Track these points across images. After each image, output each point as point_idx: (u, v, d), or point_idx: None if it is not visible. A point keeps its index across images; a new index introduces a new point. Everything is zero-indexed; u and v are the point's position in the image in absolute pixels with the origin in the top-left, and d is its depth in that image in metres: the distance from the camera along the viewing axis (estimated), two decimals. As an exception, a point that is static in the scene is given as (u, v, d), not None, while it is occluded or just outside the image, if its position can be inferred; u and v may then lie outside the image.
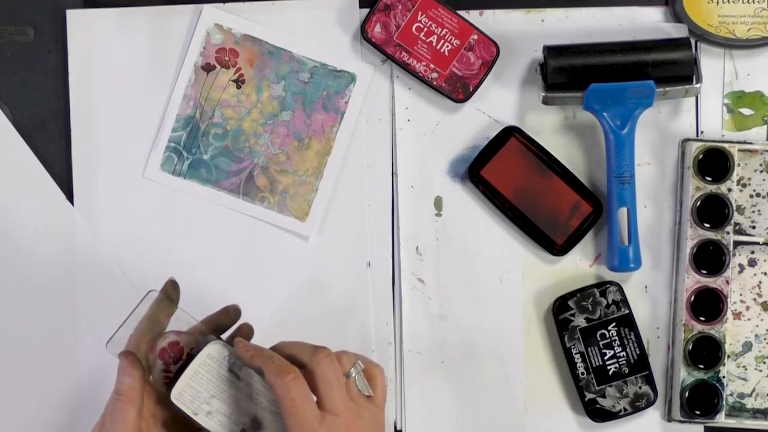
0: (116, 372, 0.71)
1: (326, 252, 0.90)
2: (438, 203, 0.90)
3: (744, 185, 0.89)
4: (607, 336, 0.88)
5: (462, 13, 0.89)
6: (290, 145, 0.90)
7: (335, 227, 0.90)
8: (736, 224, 0.89)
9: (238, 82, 0.90)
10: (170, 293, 0.75)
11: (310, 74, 0.90)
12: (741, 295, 0.89)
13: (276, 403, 0.69)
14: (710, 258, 0.87)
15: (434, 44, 0.89)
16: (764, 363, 0.89)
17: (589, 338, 0.87)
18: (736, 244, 0.88)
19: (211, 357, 0.72)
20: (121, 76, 0.90)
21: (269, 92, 0.90)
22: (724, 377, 0.87)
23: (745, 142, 0.89)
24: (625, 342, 0.88)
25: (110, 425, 0.71)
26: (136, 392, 0.70)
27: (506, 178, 0.89)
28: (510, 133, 0.89)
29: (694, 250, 0.87)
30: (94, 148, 0.90)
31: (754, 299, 0.89)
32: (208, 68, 0.90)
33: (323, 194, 0.90)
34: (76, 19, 0.90)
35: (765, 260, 0.89)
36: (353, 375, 0.71)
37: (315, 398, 0.69)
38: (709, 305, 0.87)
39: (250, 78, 0.90)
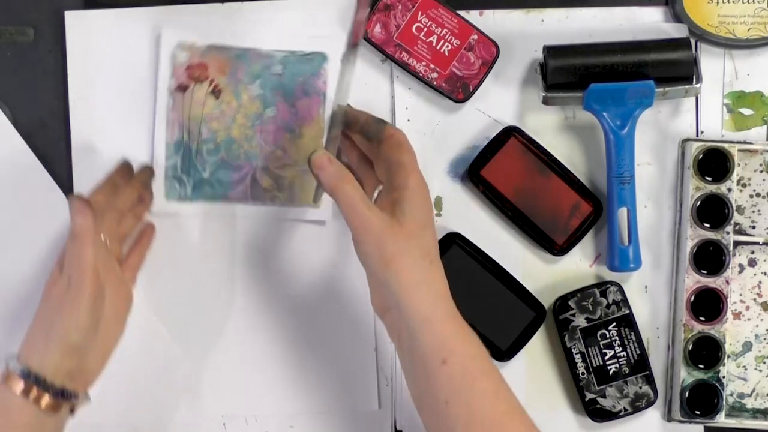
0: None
1: (344, 232, 0.88)
2: (438, 203, 0.90)
3: (744, 185, 0.89)
4: (608, 336, 0.88)
5: (462, 13, 0.89)
6: (283, 139, 0.90)
7: None
8: (736, 224, 0.89)
9: (216, 93, 0.89)
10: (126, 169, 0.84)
11: (282, 65, 0.89)
12: (741, 295, 0.89)
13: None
14: (710, 258, 0.88)
15: (434, 44, 0.89)
16: (764, 363, 0.89)
17: (589, 338, 0.87)
18: (736, 244, 0.88)
19: None
20: (120, 77, 0.90)
21: (248, 94, 0.89)
22: (724, 377, 0.87)
23: (745, 142, 0.89)
24: (626, 342, 0.88)
25: (68, 267, 0.74)
26: (91, 231, 0.73)
27: (506, 178, 0.89)
28: (510, 133, 0.89)
29: (694, 250, 0.87)
30: (94, 149, 0.89)
31: (754, 299, 0.89)
32: (182, 88, 0.89)
33: None
34: (75, 20, 0.90)
35: (765, 260, 0.89)
36: None
37: None
38: (709, 305, 0.88)
39: (226, 85, 0.89)
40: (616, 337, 0.88)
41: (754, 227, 0.89)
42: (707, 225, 0.88)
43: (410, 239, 0.72)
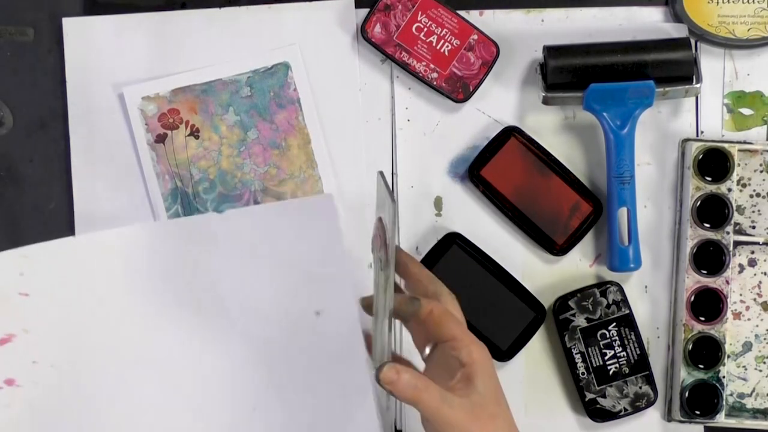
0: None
1: (349, 230, 0.87)
2: (438, 203, 0.90)
3: (744, 185, 0.89)
4: (608, 336, 0.88)
5: (462, 13, 0.89)
6: (273, 156, 0.90)
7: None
8: (736, 224, 0.89)
9: (194, 134, 0.89)
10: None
11: (249, 86, 0.89)
12: (741, 295, 0.89)
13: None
14: (710, 258, 0.87)
15: (434, 44, 0.89)
16: (764, 363, 0.89)
17: (589, 338, 0.87)
18: (736, 244, 0.88)
19: None
20: (118, 80, 0.89)
21: (225, 124, 0.89)
22: (724, 377, 0.87)
23: (745, 142, 0.89)
24: (626, 342, 0.88)
25: None
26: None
27: (506, 178, 0.89)
28: (510, 133, 0.89)
29: (694, 250, 0.87)
30: (93, 149, 0.89)
31: (754, 299, 0.89)
32: (160, 139, 0.89)
33: (328, 177, 0.89)
34: (73, 26, 0.89)
35: (765, 260, 0.89)
36: None
37: None
38: (709, 305, 0.88)
39: (201, 123, 0.89)
40: (616, 337, 0.88)
41: (754, 227, 0.89)
42: (707, 225, 0.88)
43: (495, 419, 0.70)
